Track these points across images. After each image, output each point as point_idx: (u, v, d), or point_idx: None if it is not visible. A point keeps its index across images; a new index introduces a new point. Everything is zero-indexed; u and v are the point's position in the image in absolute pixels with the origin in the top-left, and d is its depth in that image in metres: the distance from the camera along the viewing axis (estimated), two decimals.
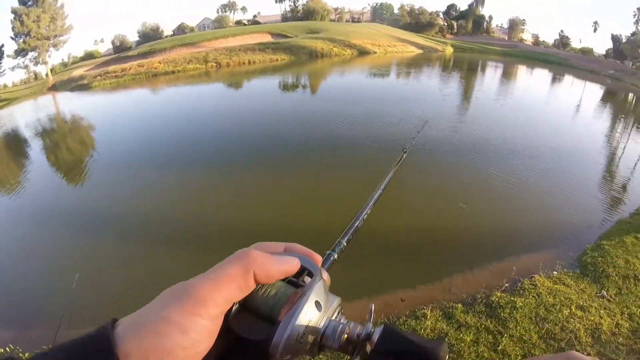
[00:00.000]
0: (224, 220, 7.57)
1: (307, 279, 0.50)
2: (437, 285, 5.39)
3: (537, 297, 4.86)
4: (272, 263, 0.45)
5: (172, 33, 68.09)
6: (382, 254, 5.99)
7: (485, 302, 4.77)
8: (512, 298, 4.82)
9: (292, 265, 0.47)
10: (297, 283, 0.48)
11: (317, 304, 0.45)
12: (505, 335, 4.19)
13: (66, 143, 15.16)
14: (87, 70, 35.49)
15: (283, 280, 0.48)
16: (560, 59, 49.91)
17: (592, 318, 4.50)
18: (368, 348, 0.45)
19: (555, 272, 5.51)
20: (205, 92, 23.55)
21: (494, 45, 58.14)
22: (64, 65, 52.74)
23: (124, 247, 6.94)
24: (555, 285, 5.13)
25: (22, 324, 5.17)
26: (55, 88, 32.59)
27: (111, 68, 32.68)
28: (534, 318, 4.45)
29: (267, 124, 14.30)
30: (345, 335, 0.46)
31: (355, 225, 0.75)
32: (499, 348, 4.02)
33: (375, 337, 0.45)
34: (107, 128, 16.07)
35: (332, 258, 0.64)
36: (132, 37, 63.96)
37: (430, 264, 5.68)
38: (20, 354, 4.33)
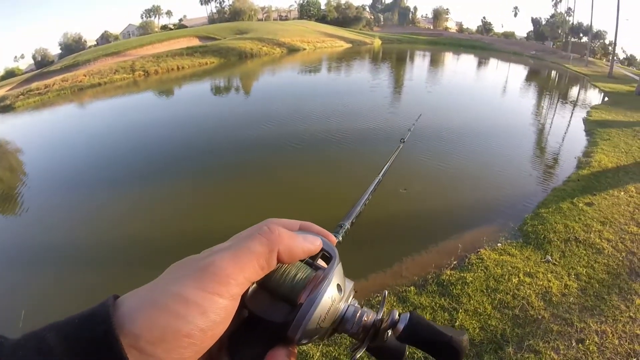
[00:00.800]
0: (172, 234, 7.24)
1: (321, 262, 0.47)
2: (388, 271, 5.36)
3: (485, 270, 4.93)
4: (297, 243, 0.42)
5: (95, 43, 65.34)
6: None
7: (436, 282, 4.77)
8: (462, 274, 4.85)
9: (315, 245, 0.44)
10: (313, 265, 0.46)
11: (339, 287, 0.44)
12: (460, 310, 4.19)
13: None
14: (8, 90, 33.20)
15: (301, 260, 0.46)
16: (485, 43, 52.41)
17: (541, 283, 4.61)
18: (387, 334, 0.46)
19: (499, 244, 5.62)
20: (137, 103, 22.68)
21: (421, 35, 60.19)
22: None
23: (66, 274, 6.50)
24: (501, 257, 5.23)
25: None
26: None
27: (34, 85, 30.74)
28: (485, 290, 4.50)
29: (207, 130, 13.92)
30: (365, 320, 0.45)
31: (358, 209, 0.72)
32: (457, 324, 4.01)
33: (402, 324, 0.44)
34: (36, 150, 15.07)
35: (337, 240, 0.59)
36: (54, 50, 60.80)
37: (378, 252, 5.63)
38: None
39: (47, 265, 6.80)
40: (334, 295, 0.42)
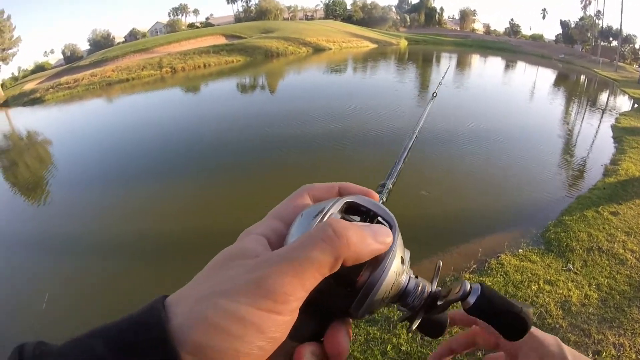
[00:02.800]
0: (194, 227, 7.41)
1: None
2: None
3: (504, 275, 4.91)
4: (366, 247, 0.35)
5: (123, 40, 66.53)
6: None
7: None
8: (481, 278, 4.85)
9: (386, 244, 0.37)
10: None
11: (402, 259, 0.40)
12: None
13: (24, 161, 14.53)
14: (38, 83, 34.18)
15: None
16: (512, 46, 51.54)
17: (561, 291, 4.56)
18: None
19: (520, 250, 5.57)
20: (164, 99, 23.05)
21: (447, 36, 59.50)
22: (15, 79, 50.78)
23: (91, 263, 6.70)
24: (522, 263, 5.19)
25: None
26: (7, 104, 31.13)
27: (63, 79, 31.53)
28: (504, 296, 4.46)
29: (234, 127, 14.07)
30: (427, 293, 0.43)
31: (399, 167, 0.70)
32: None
33: (474, 296, 0.43)
34: (65, 142, 15.48)
35: (380, 200, 0.54)
36: (83, 46, 62.10)
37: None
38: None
39: (71, 253, 7.06)
40: (398, 269, 0.39)
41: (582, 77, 29.27)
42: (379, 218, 0.42)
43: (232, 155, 11.01)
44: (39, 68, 56.19)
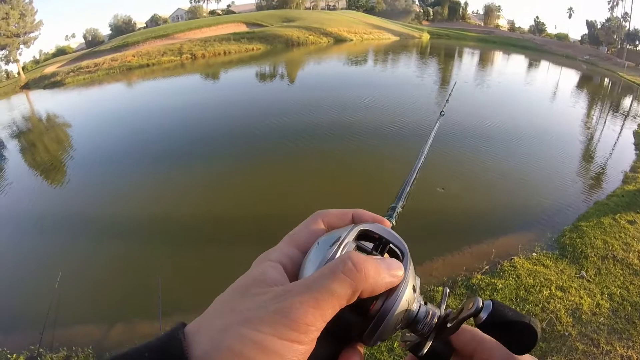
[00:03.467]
0: (209, 213, 7.56)
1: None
2: (417, 269, 5.24)
3: (517, 278, 4.88)
4: (381, 280, 0.37)
5: (145, 25, 66.75)
6: None
7: (466, 285, 4.79)
8: (493, 280, 4.83)
9: (398, 277, 0.39)
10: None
11: (413, 287, 0.42)
12: None
13: (43, 143, 14.79)
14: (59, 67, 34.63)
15: (361, 251, 0.43)
16: (536, 44, 50.49)
17: (572, 298, 4.53)
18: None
19: (534, 254, 5.54)
20: (183, 85, 23.19)
21: (470, 32, 58.43)
22: (36, 62, 51.46)
23: (104, 245, 6.88)
24: (535, 267, 5.16)
25: (7, 327, 5.09)
26: (28, 86, 31.67)
27: (84, 63, 31.94)
28: (514, 299, 4.47)
29: (254, 114, 14.15)
30: (436, 320, 0.44)
31: (407, 189, 0.71)
32: None
33: (486, 312, 0.41)
34: (83, 125, 15.72)
35: (391, 224, 0.56)
36: (105, 31, 62.52)
37: (410, 249, 5.59)
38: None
39: (85, 234, 7.23)
40: (409, 297, 0.40)
41: (606, 80, 28.66)
42: (391, 245, 0.44)
43: (248, 142, 11.08)
44: (60, 52, 56.67)
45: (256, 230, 6.74)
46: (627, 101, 20.88)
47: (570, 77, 29.20)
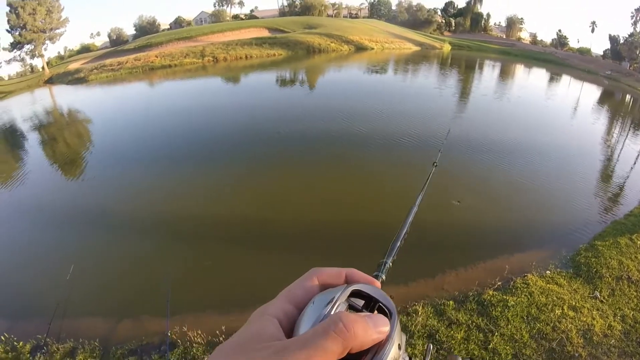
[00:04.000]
0: (219, 213, 7.65)
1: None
2: (429, 282, 5.38)
3: (529, 296, 4.83)
4: (368, 337, 0.41)
5: (169, 27, 67.65)
6: (373, 251, 5.93)
7: (477, 300, 4.75)
8: (504, 296, 4.79)
9: (383, 334, 0.43)
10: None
11: (399, 346, 0.44)
12: (496, 333, 4.16)
13: (63, 137, 15.07)
14: (83, 64, 35.38)
15: (353, 309, 0.47)
16: (558, 58, 49.90)
17: (585, 319, 4.47)
18: None
19: (548, 272, 5.47)
20: (204, 87, 23.44)
21: (492, 44, 58.01)
22: (60, 58, 52.54)
23: (118, 240, 6.99)
24: (548, 285, 5.10)
25: (16, 315, 5.17)
26: (51, 81, 32.43)
27: (108, 61, 32.56)
28: (525, 317, 4.43)
29: (271, 119, 14.25)
30: None
31: (397, 245, 0.76)
32: (490, 346, 3.99)
33: None
34: (104, 122, 16.00)
35: (380, 280, 0.63)
36: (129, 31, 63.54)
37: (422, 261, 5.56)
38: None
39: (100, 229, 7.37)
40: (395, 355, 0.43)
41: (628, 97, 28.19)
42: (380, 304, 0.47)
43: (263, 146, 11.19)
44: (85, 49, 57.86)
45: (266, 233, 6.84)
46: None
47: (591, 92, 28.79)
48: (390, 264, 0.69)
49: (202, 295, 5.44)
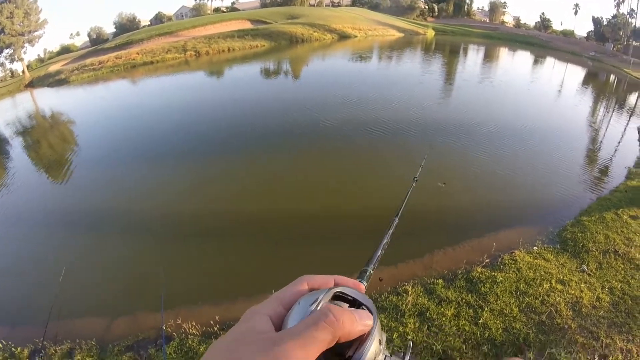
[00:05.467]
0: (213, 209, 7.61)
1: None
2: (418, 262, 5.43)
3: (517, 271, 4.89)
4: (355, 328, 0.45)
5: (149, 23, 66.85)
6: (361, 234, 5.91)
7: (466, 278, 4.80)
8: (493, 273, 4.84)
9: (368, 326, 0.47)
10: None
11: (379, 341, 0.48)
12: (486, 309, 4.21)
13: (47, 140, 14.86)
14: (64, 65, 34.84)
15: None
16: (542, 41, 50.09)
17: (573, 292, 4.54)
18: None
19: (535, 248, 5.54)
20: (187, 82, 23.18)
21: (476, 28, 58.03)
22: (40, 60, 51.68)
23: (107, 239, 6.95)
24: (536, 260, 5.17)
25: (12, 321, 5.15)
26: (32, 85, 31.82)
27: (88, 61, 32.13)
28: (514, 292, 4.48)
29: (252, 112, 14.21)
30: None
31: (378, 254, 0.79)
32: (480, 322, 4.04)
33: None
34: (87, 122, 15.82)
35: (364, 287, 0.67)
36: (109, 29, 62.65)
37: (410, 243, 5.60)
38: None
39: (88, 229, 7.32)
40: (376, 349, 0.47)
41: (612, 77, 28.44)
42: (363, 307, 0.50)
43: (249, 139, 11.14)
44: (65, 50, 56.90)
45: (253, 225, 6.84)
46: (632, 98, 20.73)
47: (575, 73, 29.00)
48: (372, 271, 0.72)
49: (194, 287, 5.46)
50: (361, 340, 0.46)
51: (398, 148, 9.91)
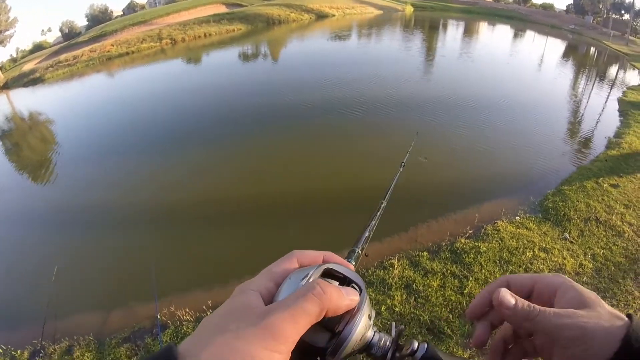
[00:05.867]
0: (199, 198, 7.56)
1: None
2: (402, 236, 5.51)
3: (500, 241, 5.00)
4: (342, 301, 0.46)
5: (122, 13, 65.43)
6: (345, 211, 6.01)
7: (450, 249, 4.90)
8: (476, 243, 4.94)
9: (354, 301, 0.48)
10: None
11: (369, 316, 0.50)
12: (471, 278, 4.30)
13: (28, 142, 14.53)
14: (37, 63, 33.85)
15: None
16: (522, 14, 50.14)
17: (555, 259, 4.65)
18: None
19: (517, 217, 5.65)
20: (164, 71, 22.83)
21: (455, 3, 57.76)
22: (14, 61, 50.11)
23: (96, 235, 6.90)
24: (518, 230, 5.27)
25: (9, 325, 5.10)
26: (7, 86, 30.79)
27: (62, 57, 31.29)
28: (498, 261, 4.58)
29: (230, 97, 14.08)
30: (387, 345, 0.52)
31: (366, 235, 0.83)
32: (465, 291, 4.14)
33: (420, 353, 0.52)
34: (66, 120, 15.48)
35: (354, 264, 0.70)
36: (81, 22, 61.22)
37: (394, 218, 5.60)
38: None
39: (75, 226, 7.24)
40: (365, 324, 0.48)
41: (592, 50, 28.66)
42: (353, 284, 0.51)
43: (230, 125, 11.11)
44: (37, 47, 55.18)
45: (240, 210, 6.85)
46: (612, 70, 20.94)
47: (555, 46, 29.13)
48: (360, 251, 0.76)
49: (185, 274, 5.48)
50: (351, 316, 0.47)
51: (382, 131, 9.86)
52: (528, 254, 4.70)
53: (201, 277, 5.30)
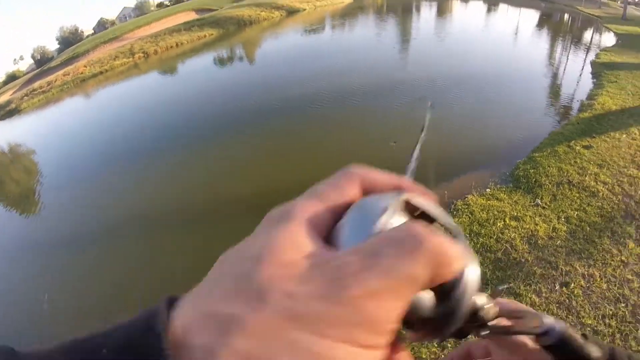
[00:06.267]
0: (177, 206, 7.55)
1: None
2: None
3: (470, 215, 4.95)
4: (457, 261, 0.27)
5: (92, 31, 64.98)
6: None
7: None
8: None
9: (463, 266, 0.29)
10: None
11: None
12: None
13: (10, 176, 14.41)
14: (12, 94, 33.63)
15: None
16: None
17: (527, 226, 4.60)
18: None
19: (488, 190, 5.60)
20: (139, 85, 22.80)
21: None
22: None
23: (81, 256, 6.84)
24: (488, 202, 5.22)
25: None
26: None
27: (36, 84, 31.07)
28: (468, 235, 4.53)
29: (212, 102, 14.03)
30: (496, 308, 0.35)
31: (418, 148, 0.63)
32: None
33: (553, 337, 0.40)
34: (47, 147, 15.35)
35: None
36: (53, 46, 60.86)
37: None
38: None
39: (61, 251, 7.14)
40: (478, 280, 0.31)
41: (566, 16, 28.69)
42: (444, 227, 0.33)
43: (210, 130, 11.11)
44: (11, 78, 54.94)
45: (229, 207, 6.81)
46: (585, 34, 20.92)
47: (530, 16, 29.12)
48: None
49: (177, 281, 5.32)
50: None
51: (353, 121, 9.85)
52: (499, 224, 4.65)
53: (193, 280, 5.14)
